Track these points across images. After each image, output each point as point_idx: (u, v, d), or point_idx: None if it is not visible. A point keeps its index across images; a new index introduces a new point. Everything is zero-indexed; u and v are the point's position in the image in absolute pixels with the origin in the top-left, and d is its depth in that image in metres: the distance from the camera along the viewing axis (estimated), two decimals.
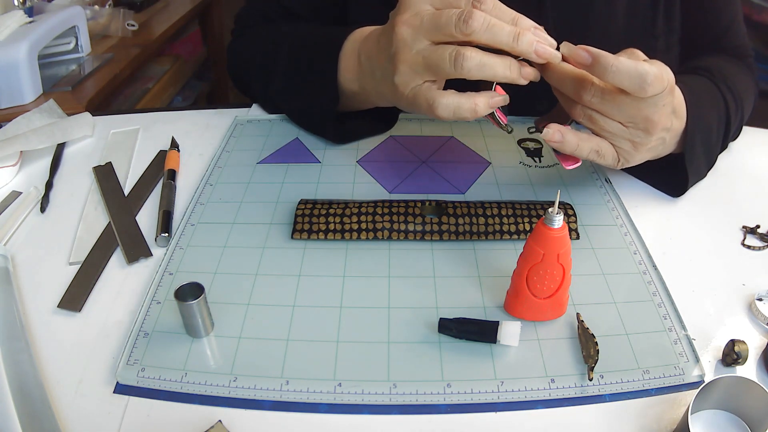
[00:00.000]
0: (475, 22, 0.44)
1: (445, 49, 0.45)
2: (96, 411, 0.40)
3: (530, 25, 0.46)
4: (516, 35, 0.44)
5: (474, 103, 0.46)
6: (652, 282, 0.49)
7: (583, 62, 0.45)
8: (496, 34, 0.44)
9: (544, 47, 0.45)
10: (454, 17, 0.45)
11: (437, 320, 0.45)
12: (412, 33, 0.47)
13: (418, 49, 0.47)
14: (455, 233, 0.53)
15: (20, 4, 1.14)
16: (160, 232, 0.53)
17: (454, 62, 0.45)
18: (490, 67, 0.45)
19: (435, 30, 0.46)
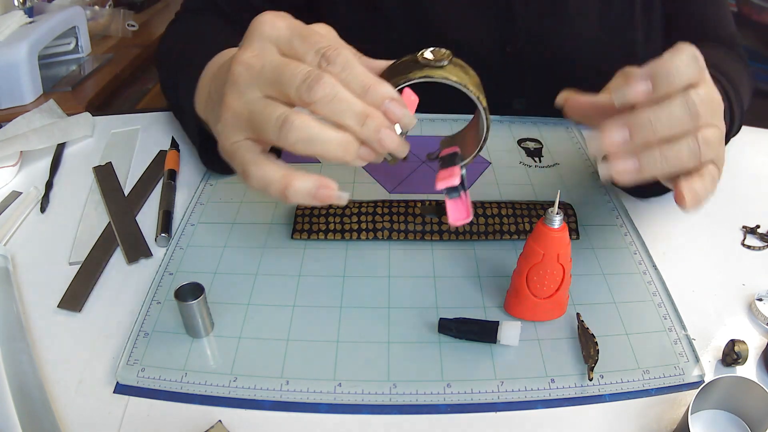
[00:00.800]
0: (320, 90, 0.36)
1: (275, 110, 0.37)
2: (96, 411, 0.40)
3: (383, 97, 0.38)
4: (363, 118, 0.37)
5: (287, 185, 0.38)
6: (652, 282, 0.49)
7: (645, 95, 0.38)
8: (339, 111, 0.37)
9: (390, 138, 0.38)
10: (299, 76, 0.37)
11: (437, 320, 0.45)
12: (248, 78, 0.39)
13: (247, 99, 0.39)
14: (455, 233, 0.53)
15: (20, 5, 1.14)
16: (160, 232, 0.53)
17: (279, 129, 0.37)
18: (320, 144, 0.37)
19: (274, 84, 0.38)
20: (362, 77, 0.38)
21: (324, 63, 0.37)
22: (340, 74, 0.37)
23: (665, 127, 0.38)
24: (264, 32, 0.39)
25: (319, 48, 0.38)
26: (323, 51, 0.38)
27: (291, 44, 0.39)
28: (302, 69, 0.37)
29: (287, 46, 0.39)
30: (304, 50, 0.38)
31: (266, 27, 0.39)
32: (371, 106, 0.38)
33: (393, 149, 0.38)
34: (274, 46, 0.39)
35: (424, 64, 0.40)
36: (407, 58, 0.42)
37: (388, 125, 0.38)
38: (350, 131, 0.38)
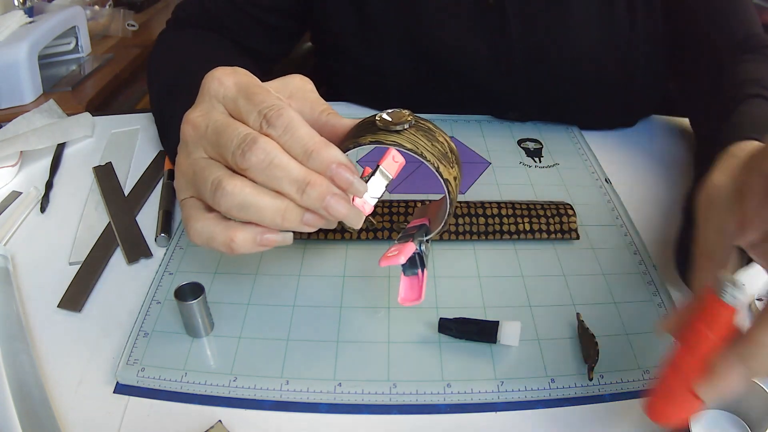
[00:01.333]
0: (253, 156, 0.35)
1: (211, 173, 0.36)
2: (96, 411, 0.40)
3: (328, 162, 0.35)
4: (303, 185, 0.35)
5: (230, 238, 0.37)
6: (652, 282, 0.49)
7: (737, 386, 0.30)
8: (276, 178, 0.35)
9: (339, 205, 0.35)
10: (235, 141, 0.35)
11: (437, 320, 0.45)
12: (194, 137, 0.38)
13: (193, 159, 0.38)
14: (455, 233, 0.53)
15: (20, 4, 1.14)
16: (160, 232, 0.53)
17: (213, 193, 0.36)
18: (255, 211, 0.35)
19: (214, 146, 0.37)
20: (305, 140, 0.36)
21: (265, 125, 0.36)
22: (281, 137, 0.35)
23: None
24: (212, 90, 0.38)
25: (262, 108, 0.36)
26: (265, 112, 0.36)
27: (236, 104, 0.37)
28: (239, 132, 0.36)
29: (232, 106, 0.38)
30: (248, 111, 0.37)
31: (214, 84, 0.38)
32: (315, 172, 0.35)
33: (342, 218, 0.36)
34: (221, 104, 0.38)
35: (379, 127, 0.38)
36: (368, 118, 0.40)
37: (335, 192, 0.35)
38: (291, 200, 0.36)
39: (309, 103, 0.42)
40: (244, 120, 0.37)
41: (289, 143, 0.35)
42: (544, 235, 0.53)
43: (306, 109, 0.42)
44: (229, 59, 0.67)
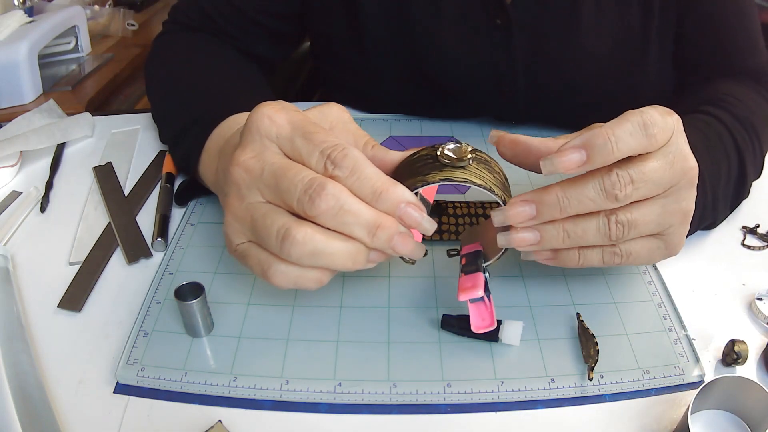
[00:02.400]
0: (323, 203, 0.34)
1: (275, 221, 0.35)
2: (96, 411, 0.40)
3: (396, 202, 0.35)
4: (373, 229, 0.35)
5: (320, 272, 0.37)
6: (652, 282, 0.49)
7: (578, 163, 0.36)
8: (347, 224, 0.35)
9: (404, 245, 0.36)
10: (300, 187, 0.34)
11: (437, 320, 0.45)
12: (248, 181, 0.37)
13: (249, 203, 0.37)
14: (455, 233, 0.53)
15: (20, 4, 1.14)
16: (156, 236, 0.53)
17: (281, 243, 0.35)
18: (326, 257, 0.35)
19: (274, 190, 0.36)
20: (373, 181, 0.35)
21: (330, 166, 0.35)
22: (348, 179, 0.35)
23: (575, 208, 0.37)
24: (262, 129, 0.37)
25: (325, 149, 0.35)
26: (329, 152, 0.35)
27: (293, 144, 0.36)
28: (303, 176, 0.35)
29: (289, 146, 0.36)
30: (309, 152, 0.35)
31: (264, 122, 0.37)
32: (383, 213, 0.36)
33: (407, 254, 0.37)
34: (275, 144, 0.37)
35: (444, 164, 0.38)
36: (425, 152, 0.40)
37: (401, 231, 0.36)
38: (359, 242, 0.36)
39: (352, 136, 0.42)
40: (304, 161, 0.36)
41: (356, 185, 0.35)
42: None
43: (350, 142, 0.41)
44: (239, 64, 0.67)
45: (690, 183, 0.39)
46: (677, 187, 0.39)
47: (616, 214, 0.38)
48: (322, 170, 0.35)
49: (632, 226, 0.38)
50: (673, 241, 0.42)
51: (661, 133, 0.36)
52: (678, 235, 0.41)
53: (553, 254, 0.41)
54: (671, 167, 0.38)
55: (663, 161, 0.37)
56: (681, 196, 0.39)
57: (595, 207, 0.37)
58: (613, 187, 0.36)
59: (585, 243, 0.39)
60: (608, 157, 0.35)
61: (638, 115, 0.36)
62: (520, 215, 0.38)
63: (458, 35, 0.65)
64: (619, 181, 0.36)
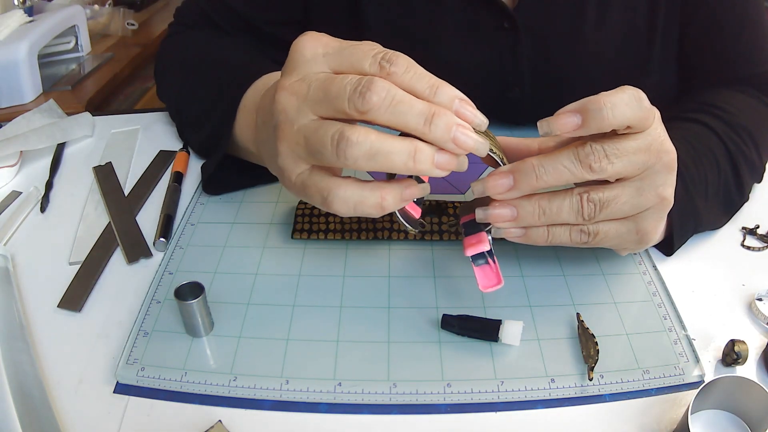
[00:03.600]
0: (374, 95, 0.33)
1: (328, 129, 0.34)
2: (96, 411, 0.40)
3: (452, 96, 0.35)
4: (429, 116, 0.34)
5: (381, 197, 0.36)
6: (652, 282, 0.49)
7: (573, 126, 0.36)
8: (401, 114, 0.34)
9: (466, 135, 0.35)
10: (349, 87, 0.34)
11: (437, 320, 0.45)
12: (296, 103, 0.36)
13: (300, 125, 0.36)
14: (455, 233, 0.53)
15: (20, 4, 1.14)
16: (158, 236, 0.53)
17: (336, 149, 0.34)
18: (384, 156, 0.34)
19: (323, 102, 0.35)
20: (429, 77, 0.35)
21: (386, 65, 0.34)
22: (405, 75, 0.34)
23: (551, 176, 0.38)
24: (307, 50, 0.37)
25: (377, 53, 0.35)
26: (381, 55, 0.35)
27: (342, 54, 0.36)
28: (351, 79, 0.34)
29: (338, 59, 0.36)
30: (360, 58, 0.35)
31: (310, 44, 0.37)
32: (441, 104, 0.35)
33: (471, 148, 0.35)
34: (322, 64, 0.36)
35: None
36: None
37: (460, 123, 0.35)
38: (419, 135, 0.35)
39: None
40: (356, 69, 0.35)
41: (414, 80, 0.35)
42: None
43: None
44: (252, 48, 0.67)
45: (666, 167, 0.39)
46: (653, 170, 0.39)
47: (590, 192, 0.39)
48: (377, 70, 0.35)
49: (605, 205, 0.39)
50: (645, 228, 0.42)
51: (651, 112, 0.37)
52: (651, 222, 0.42)
53: (522, 231, 0.41)
54: (648, 149, 0.38)
55: (640, 142, 0.38)
56: (657, 180, 0.39)
57: (570, 175, 0.38)
58: (587, 157, 0.37)
59: (559, 221, 0.40)
60: (603, 123, 0.36)
61: (633, 89, 0.37)
62: (499, 186, 0.39)
63: (463, 40, 0.65)
64: (593, 152, 0.37)
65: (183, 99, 0.64)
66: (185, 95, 0.64)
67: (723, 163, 0.52)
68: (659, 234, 0.43)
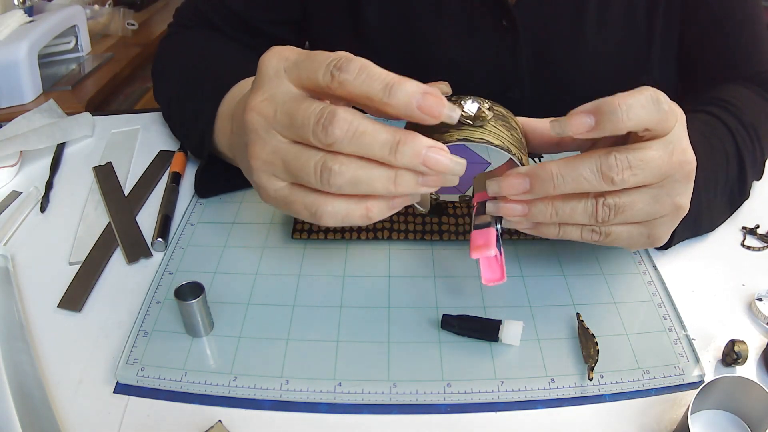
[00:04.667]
0: (336, 129, 0.33)
1: (310, 158, 0.35)
2: (96, 411, 0.40)
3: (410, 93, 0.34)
4: (394, 145, 0.34)
5: (367, 209, 0.37)
6: (652, 282, 0.49)
7: (586, 128, 0.35)
8: (366, 145, 0.34)
9: (438, 157, 0.34)
10: (312, 118, 0.34)
11: (437, 320, 0.45)
12: (264, 125, 0.37)
13: (274, 147, 0.37)
14: (455, 233, 0.53)
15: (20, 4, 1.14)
16: (157, 236, 0.53)
17: (320, 178, 0.35)
18: (366, 183, 0.35)
19: (290, 128, 0.36)
20: (383, 75, 0.34)
21: (336, 72, 0.34)
22: (357, 79, 0.34)
23: (569, 187, 0.37)
24: (271, 67, 0.37)
25: (330, 62, 0.35)
26: (334, 63, 0.34)
27: (299, 68, 0.36)
28: (314, 109, 0.34)
29: (296, 73, 0.36)
30: (314, 68, 0.35)
31: (273, 61, 0.37)
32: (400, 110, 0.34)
33: (444, 168, 0.35)
34: (284, 79, 0.37)
35: (461, 122, 0.37)
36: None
37: (432, 144, 0.34)
38: (387, 163, 0.35)
39: None
40: (313, 82, 0.35)
41: (366, 83, 0.34)
42: None
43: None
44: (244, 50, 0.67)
45: (686, 177, 0.39)
46: (672, 179, 0.38)
47: (606, 197, 0.38)
48: (329, 81, 0.34)
49: (620, 210, 0.38)
50: (658, 233, 0.41)
51: (671, 114, 0.36)
52: (664, 228, 0.41)
53: (533, 225, 0.41)
54: (670, 158, 0.37)
55: (663, 151, 0.37)
56: (675, 190, 0.39)
57: (589, 188, 0.37)
58: (610, 170, 0.36)
59: (571, 221, 0.39)
60: (617, 125, 0.35)
61: (652, 90, 0.36)
62: (514, 187, 0.38)
63: (462, 39, 0.65)
64: (617, 164, 0.36)
65: (172, 103, 0.65)
66: (174, 100, 0.64)
67: (731, 160, 0.52)
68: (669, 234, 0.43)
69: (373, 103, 0.35)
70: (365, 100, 0.35)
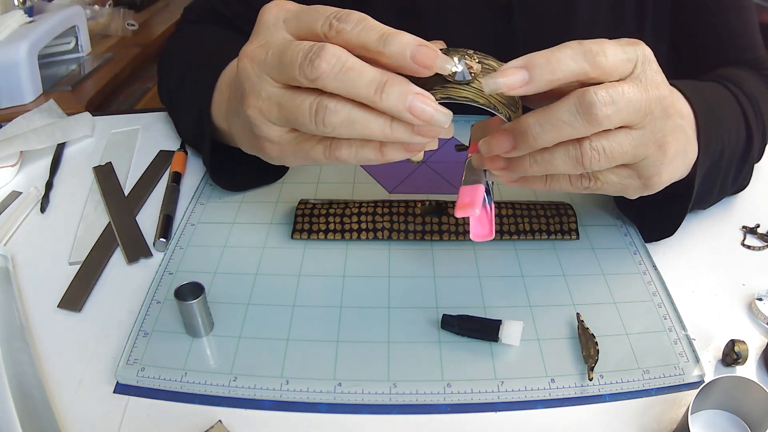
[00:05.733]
0: (323, 62, 0.32)
1: (303, 99, 0.34)
2: (96, 411, 0.40)
3: (405, 44, 0.33)
4: (381, 84, 0.33)
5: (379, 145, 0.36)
6: (652, 282, 0.49)
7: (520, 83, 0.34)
8: (351, 81, 0.33)
9: (424, 104, 0.33)
10: (300, 54, 0.33)
11: (437, 320, 0.45)
12: (256, 70, 0.36)
13: (267, 93, 0.36)
14: (455, 233, 0.53)
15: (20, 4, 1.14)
16: (158, 236, 0.53)
17: (314, 119, 0.34)
18: (361, 124, 0.34)
19: (277, 68, 0.35)
20: (380, 27, 0.33)
21: (335, 22, 0.33)
22: (355, 29, 0.33)
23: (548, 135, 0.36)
24: (270, 17, 0.37)
25: (330, 13, 0.34)
26: (334, 14, 0.34)
27: (299, 18, 0.36)
28: (303, 45, 0.33)
29: (296, 23, 0.36)
30: (314, 19, 0.35)
31: (273, 11, 0.37)
32: (394, 59, 0.33)
33: (428, 119, 0.33)
34: (282, 29, 0.36)
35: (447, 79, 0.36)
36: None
37: (416, 91, 0.33)
38: (370, 104, 0.33)
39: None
40: (311, 30, 0.35)
41: (363, 33, 0.33)
42: (544, 235, 0.53)
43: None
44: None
45: (664, 113, 0.38)
46: (652, 117, 0.37)
47: (590, 139, 0.37)
48: (327, 30, 0.34)
49: (605, 153, 0.37)
50: (647, 174, 0.40)
51: (611, 62, 0.35)
52: (653, 168, 0.40)
53: (519, 178, 0.40)
54: (646, 92, 0.36)
55: (635, 86, 0.36)
56: (656, 127, 0.38)
57: (571, 131, 0.36)
58: (592, 107, 0.34)
59: (556, 170, 0.38)
60: (549, 77, 0.34)
61: (582, 43, 0.35)
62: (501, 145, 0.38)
63: (464, 19, 0.65)
64: (598, 99, 0.34)
65: (173, 94, 0.64)
66: (174, 90, 0.64)
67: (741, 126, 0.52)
68: (668, 178, 0.42)
69: (368, 53, 0.34)
70: (361, 50, 0.34)
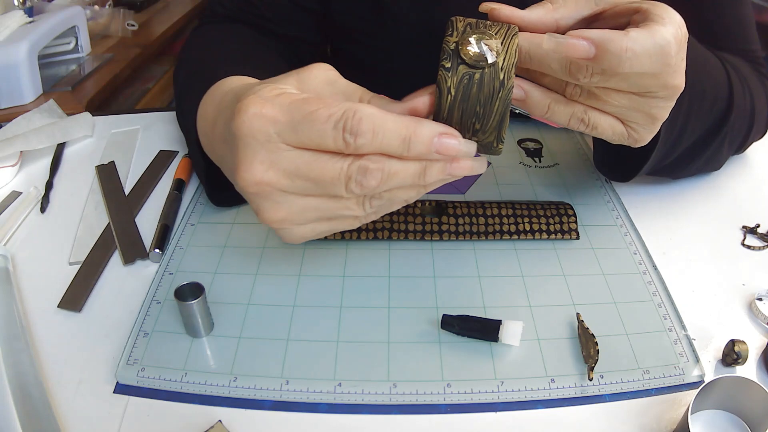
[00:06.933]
0: (372, 180, 0.33)
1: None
2: (96, 411, 0.40)
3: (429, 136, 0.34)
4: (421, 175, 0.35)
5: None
6: (652, 282, 0.49)
7: (583, 54, 0.35)
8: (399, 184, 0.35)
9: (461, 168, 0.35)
10: (343, 177, 0.33)
11: (437, 320, 0.45)
12: (278, 194, 0.34)
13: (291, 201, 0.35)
14: (455, 233, 0.53)
15: (20, 4, 1.14)
16: (154, 247, 0.52)
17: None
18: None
19: (314, 189, 0.34)
20: (398, 130, 0.33)
21: (350, 138, 0.32)
22: (374, 142, 0.32)
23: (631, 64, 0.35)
24: (256, 131, 0.33)
25: (336, 121, 0.32)
26: (342, 124, 0.32)
27: (298, 133, 0.33)
28: (337, 168, 0.33)
29: (295, 137, 0.33)
30: (320, 133, 0.32)
31: (255, 123, 0.33)
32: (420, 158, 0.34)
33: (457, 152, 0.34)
34: (279, 140, 0.33)
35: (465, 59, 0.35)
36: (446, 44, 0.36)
37: (443, 130, 0.34)
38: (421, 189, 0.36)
39: (342, 96, 0.38)
40: (320, 145, 0.33)
41: (385, 142, 0.33)
42: (544, 235, 0.53)
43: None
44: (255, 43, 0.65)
45: (669, 97, 0.39)
46: (654, 95, 0.38)
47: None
48: (342, 146, 0.33)
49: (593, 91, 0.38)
50: (634, 136, 0.42)
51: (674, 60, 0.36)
52: (641, 134, 0.42)
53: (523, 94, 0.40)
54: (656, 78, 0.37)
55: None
56: (654, 103, 0.39)
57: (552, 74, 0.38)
58: (578, 71, 0.36)
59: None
60: (616, 68, 0.35)
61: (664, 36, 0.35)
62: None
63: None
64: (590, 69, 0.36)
65: (177, 99, 0.64)
66: (177, 96, 0.63)
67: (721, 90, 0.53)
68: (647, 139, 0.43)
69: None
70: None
